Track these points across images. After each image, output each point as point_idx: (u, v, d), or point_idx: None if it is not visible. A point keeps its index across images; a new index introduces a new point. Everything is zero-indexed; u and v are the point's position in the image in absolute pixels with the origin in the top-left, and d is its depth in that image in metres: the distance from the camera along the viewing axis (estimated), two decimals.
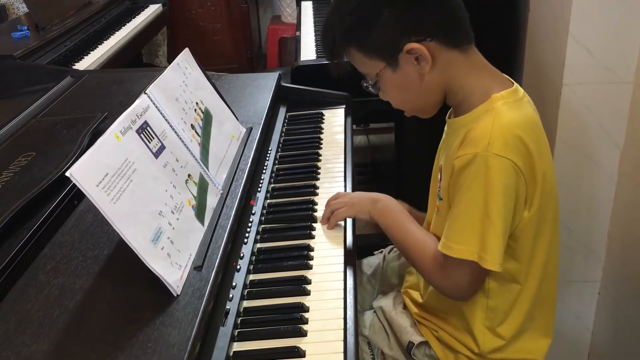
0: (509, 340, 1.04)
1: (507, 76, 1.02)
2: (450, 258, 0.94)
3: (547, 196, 0.97)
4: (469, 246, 0.92)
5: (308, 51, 2.09)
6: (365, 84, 1.02)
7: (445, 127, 1.06)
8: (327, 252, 1.05)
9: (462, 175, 0.92)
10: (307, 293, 0.95)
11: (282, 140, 1.44)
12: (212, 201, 1.02)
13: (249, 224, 1.09)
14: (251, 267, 1.01)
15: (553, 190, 1.01)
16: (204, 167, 1.05)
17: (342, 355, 0.83)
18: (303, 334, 0.87)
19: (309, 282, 0.98)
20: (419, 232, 1.04)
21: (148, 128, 0.93)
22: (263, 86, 1.52)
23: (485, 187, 0.89)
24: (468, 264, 0.92)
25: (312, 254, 1.04)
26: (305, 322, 0.89)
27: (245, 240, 1.05)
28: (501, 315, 1.02)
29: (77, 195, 1.04)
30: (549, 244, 1.02)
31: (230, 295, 0.91)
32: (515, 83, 1.00)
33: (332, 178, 1.29)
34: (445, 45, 0.95)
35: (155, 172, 0.90)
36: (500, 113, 0.92)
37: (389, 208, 1.08)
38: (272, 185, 1.26)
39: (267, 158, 1.31)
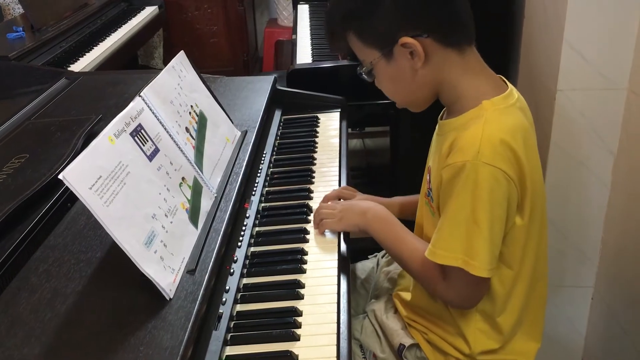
0: (501, 343, 1.04)
1: (504, 79, 1.03)
2: (447, 267, 0.95)
3: (535, 202, 0.98)
4: (453, 252, 0.92)
5: (304, 54, 2.09)
6: (359, 70, 1.02)
7: (437, 128, 1.06)
8: (321, 256, 1.05)
9: (451, 184, 0.93)
10: (300, 297, 0.95)
11: (277, 144, 1.44)
12: (206, 204, 1.02)
13: (243, 228, 1.09)
14: (245, 270, 1.01)
15: (541, 195, 1.01)
16: (198, 170, 1.05)
17: (335, 359, 0.83)
18: (296, 338, 0.87)
19: (302, 286, 0.98)
20: (412, 240, 1.04)
21: (142, 131, 0.93)
22: (258, 89, 1.52)
23: (472, 194, 0.90)
24: (460, 271, 0.93)
25: (306, 258, 1.04)
26: (299, 326, 0.89)
27: (239, 243, 1.04)
28: (494, 318, 1.03)
29: (70, 198, 1.03)
30: (537, 248, 1.03)
31: (224, 299, 0.91)
32: (510, 87, 1.00)
33: (327, 182, 1.29)
34: (441, 43, 0.95)
35: (149, 175, 0.90)
36: (489, 121, 0.92)
37: (378, 217, 1.08)
38: (266, 189, 1.26)
39: (262, 161, 1.31)
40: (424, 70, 0.96)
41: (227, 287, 0.94)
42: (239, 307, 0.94)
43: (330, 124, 1.54)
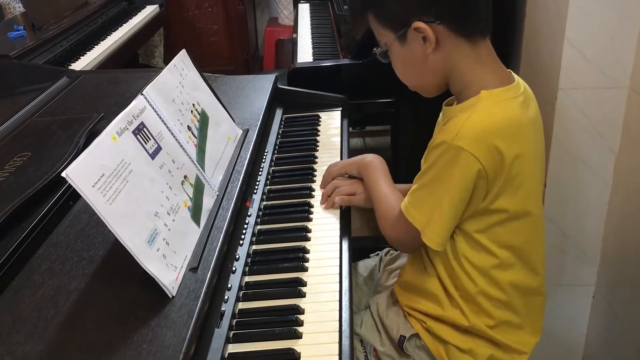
0: (495, 323, 1.06)
1: (513, 74, 1.03)
2: (405, 217, 1.01)
3: (527, 196, 0.99)
4: (420, 217, 1.00)
5: (305, 53, 2.09)
6: (374, 51, 1.05)
7: (440, 114, 1.08)
8: (322, 254, 1.06)
9: (430, 154, 0.98)
10: (302, 295, 0.95)
11: (278, 142, 1.44)
12: (208, 202, 1.02)
13: (245, 226, 1.09)
14: (247, 268, 1.01)
15: (533, 187, 1.02)
16: (200, 169, 1.05)
17: (337, 357, 0.84)
18: (298, 336, 0.87)
19: (304, 284, 0.98)
20: (388, 189, 1.13)
21: (144, 129, 0.93)
22: (259, 88, 1.52)
23: (446, 176, 0.95)
24: (414, 229, 1.00)
25: (307, 256, 1.05)
26: (301, 324, 0.89)
27: (241, 242, 1.05)
28: (484, 308, 1.05)
29: (73, 196, 1.03)
30: (532, 243, 1.05)
31: (226, 297, 0.91)
32: (516, 81, 1.01)
33: None
34: (453, 32, 0.96)
35: (151, 173, 0.90)
36: (479, 110, 0.95)
37: (372, 164, 1.18)
38: (268, 187, 1.26)
39: (263, 160, 1.31)
40: (434, 57, 0.98)
41: (229, 285, 0.94)
42: (241, 305, 0.94)
43: (331, 123, 1.54)
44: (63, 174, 0.73)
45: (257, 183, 1.23)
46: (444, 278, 1.06)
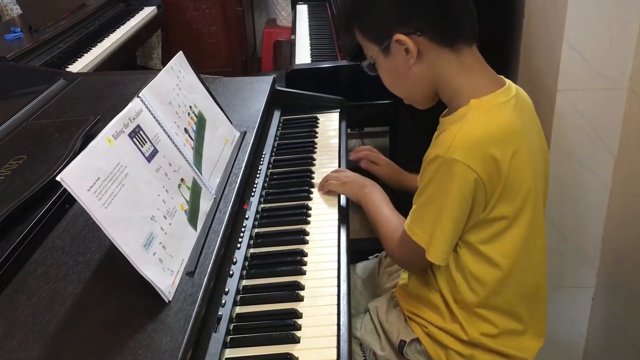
0: (496, 332, 1.05)
1: (503, 79, 1.02)
2: (409, 236, 1.01)
3: (525, 202, 0.98)
4: (424, 235, 0.99)
5: (303, 55, 2.08)
6: (362, 63, 1.06)
7: (438, 127, 1.07)
8: (321, 258, 1.05)
9: (425, 170, 0.98)
10: (300, 299, 0.95)
11: (276, 144, 1.43)
12: (205, 206, 1.02)
13: (242, 229, 1.08)
14: (244, 272, 1.01)
15: (533, 190, 1.00)
16: (197, 172, 1.04)
17: None
18: (296, 340, 0.87)
19: (302, 288, 0.97)
20: (390, 212, 1.13)
21: (141, 132, 0.92)
22: (257, 90, 1.52)
23: (444, 190, 0.94)
24: (419, 248, 1.00)
25: (305, 259, 1.04)
26: (299, 328, 0.89)
27: (239, 245, 1.04)
28: (484, 316, 1.04)
29: (69, 200, 1.03)
30: (530, 249, 1.04)
31: (223, 301, 0.90)
32: (507, 85, 1.01)
33: None
34: (435, 42, 0.96)
35: (147, 176, 0.89)
36: (470, 119, 0.94)
37: (371, 194, 1.17)
38: (265, 190, 1.25)
39: (261, 162, 1.31)
40: (418, 67, 0.98)
41: (227, 289, 0.93)
42: (239, 309, 0.93)
43: (329, 125, 1.54)
44: (58, 178, 0.73)
45: (255, 186, 1.22)
46: (444, 291, 1.05)
